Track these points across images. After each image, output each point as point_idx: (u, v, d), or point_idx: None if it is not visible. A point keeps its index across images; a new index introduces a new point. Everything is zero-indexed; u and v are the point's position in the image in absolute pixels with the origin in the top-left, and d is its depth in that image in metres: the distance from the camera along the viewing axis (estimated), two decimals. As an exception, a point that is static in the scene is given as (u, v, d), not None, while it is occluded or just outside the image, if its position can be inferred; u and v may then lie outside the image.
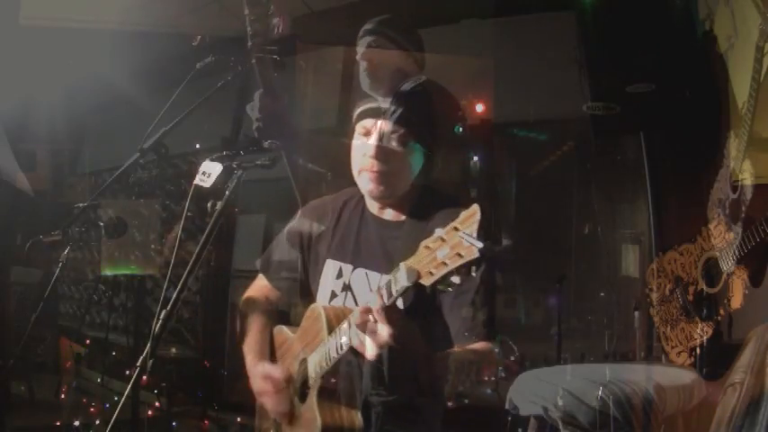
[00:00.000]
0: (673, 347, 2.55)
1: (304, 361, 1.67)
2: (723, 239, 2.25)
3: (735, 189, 2.19)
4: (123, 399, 1.51)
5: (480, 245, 1.15)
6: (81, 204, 2.35)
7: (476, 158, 2.87)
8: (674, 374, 2.34)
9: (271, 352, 1.86)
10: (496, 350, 1.60)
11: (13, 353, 3.30)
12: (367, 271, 1.70)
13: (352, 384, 1.57)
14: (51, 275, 2.45)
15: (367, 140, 1.66)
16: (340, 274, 1.75)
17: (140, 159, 2.20)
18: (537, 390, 2.26)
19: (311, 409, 1.58)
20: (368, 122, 1.67)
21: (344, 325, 1.47)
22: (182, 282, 1.57)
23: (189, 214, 1.74)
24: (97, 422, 3.67)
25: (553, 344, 3.20)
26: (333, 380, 1.57)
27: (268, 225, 4.54)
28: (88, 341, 5.09)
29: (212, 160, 1.68)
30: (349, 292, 1.72)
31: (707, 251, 2.38)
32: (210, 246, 1.60)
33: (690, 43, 2.52)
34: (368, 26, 2.31)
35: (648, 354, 2.80)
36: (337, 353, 1.49)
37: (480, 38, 3.67)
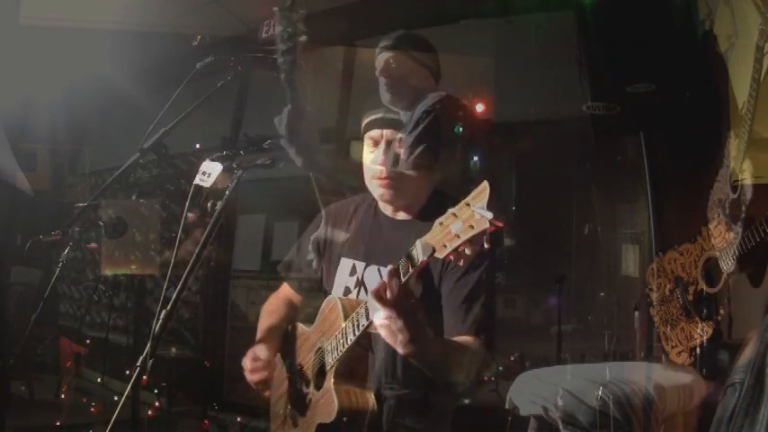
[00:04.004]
0: (673, 347, 2.55)
1: (320, 350, 1.74)
2: (723, 239, 2.24)
3: (735, 189, 2.19)
4: (123, 399, 1.51)
5: (490, 215, 1.23)
6: (81, 204, 2.35)
7: (476, 158, 2.87)
8: (674, 374, 2.34)
9: (292, 348, 1.93)
10: (481, 347, 1.63)
11: (13, 353, 3.30)
12: (379, 267, 1.78)
13: (365, 366, 1.66)
14: (51, 275, 2.45)
15: (374, 150, 1.78)
16: (353, 271, 1.84)
17: (140, 159, 2.20)
18: (537, 390, 2.26)
19: (328, 393, 1.64)
20: (374, 133, 1.79)
21: (362, 309, 1.55)
22: (182, 282, 1.57)
23: (189, 214, 1.75)
24: (97, 422, 3.67)
25: (553, 344, 3.20)
26: (348, 363, 1.64)
27: (268, 225, 4.54)
28: (88, 341, 5.09)
29: (212, 160, 1.69)
30: (362, 288, 1.80)
31: (707, 251, 2.38)
32: (210, 246, 1.61)
33: (690, 43, 2.52)
34: (386, 42, 2.34)
35: (648, 354, 2.79)
36: (354, 334, 1.57)
37: (480, 38, 3.67)
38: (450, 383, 1.64)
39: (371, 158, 1.78)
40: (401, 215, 1.83)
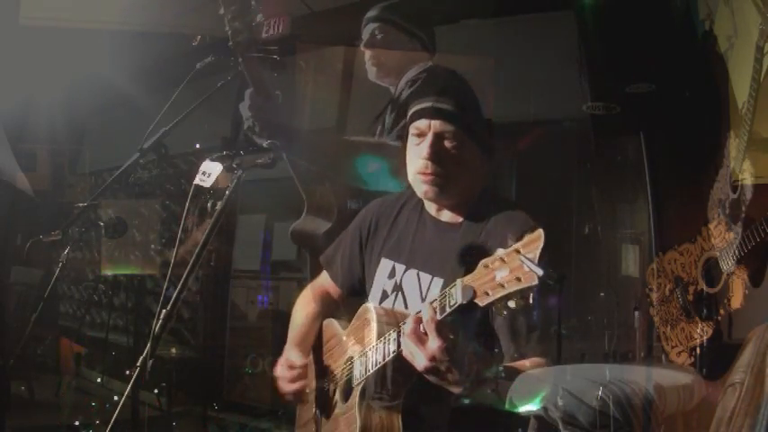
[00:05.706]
0: (673, 347, 2.55)
1: (350, 360, 1.66)
2: (723, 239, 2.24)
3: (735, 189, 2.19)
4: (123, 399, 1.52)
5: (541, 272, 1.13)
6: (81, 204, 2.35)
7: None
8: (674, 374, 2.34)
9: (319, 345, 1.86)
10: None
11: (13, 353, 3.30)
12: (419, 272, 1.68)
13: (395, 389, 1.55)
14: (51, 275, 2.45)
15: (420, 142, 1.64)
16: (392, 274, 1.74)
17: (140, 159, 2.21)
18: (537, 390, 2.25)
19: (351, 411, 1.58)
20: (421, 124, 1.63)
21: (394, 333, 1.45)
22: (182, 282, 1.57)
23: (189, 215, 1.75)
24: (97, 422, 3.67)
25: (553, 344, 3.19)
26: (377, 383, 1.55)
27: (268, 225, 4.54)
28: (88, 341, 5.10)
29: (212, 160, 1.69)
30: (399, 293, 1.71)
31: (707, 251, 2.38)
32: (210, 246, 1.60)
33: (690, 43, 2.52)
34: (371, 13, 2.26)
35: (648, 354, 2.79)
36: (384, 359, 1.48)
37: (480, 38, 3.67)
38: (444, 396, 1.55)
39: (417, 152, 1.64)
40: (446, 215, 1.71)
